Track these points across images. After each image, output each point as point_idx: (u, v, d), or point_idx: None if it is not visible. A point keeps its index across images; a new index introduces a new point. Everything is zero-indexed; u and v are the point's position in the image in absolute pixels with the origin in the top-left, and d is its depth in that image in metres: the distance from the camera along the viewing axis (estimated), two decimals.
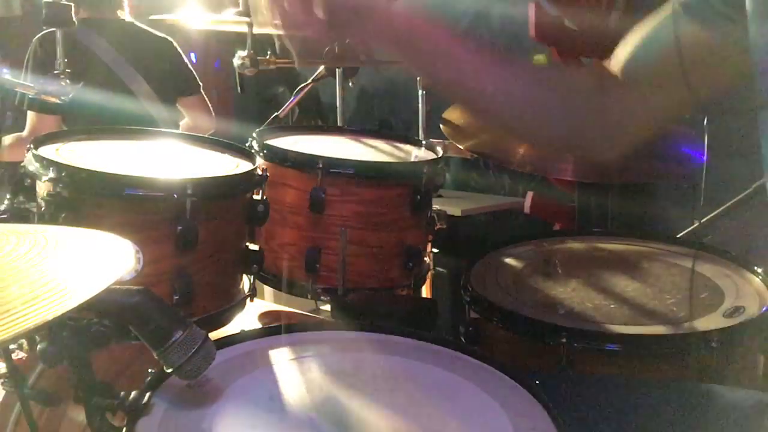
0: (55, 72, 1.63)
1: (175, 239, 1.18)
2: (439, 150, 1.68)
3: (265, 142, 1.55)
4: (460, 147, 1.75)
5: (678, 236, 1.85)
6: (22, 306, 0.58)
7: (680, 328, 1.27)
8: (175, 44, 2.88)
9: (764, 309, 1.31)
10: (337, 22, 0.87)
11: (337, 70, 2.13)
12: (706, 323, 1.27)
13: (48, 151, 1.25)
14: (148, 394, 0.86)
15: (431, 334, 1.13)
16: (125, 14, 2.82)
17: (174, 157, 1.44)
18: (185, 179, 1.19)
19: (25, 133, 2.55)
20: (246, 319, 1.37)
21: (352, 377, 0.98)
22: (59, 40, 1.62)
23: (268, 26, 0.87)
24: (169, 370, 0.84)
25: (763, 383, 1.27)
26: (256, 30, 1.87)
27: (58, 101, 1.62)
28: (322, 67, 2.15)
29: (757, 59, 0.76)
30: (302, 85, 2.25)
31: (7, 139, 2.73)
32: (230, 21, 1.90)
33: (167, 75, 2.84)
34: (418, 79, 2.00)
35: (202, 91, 2.97)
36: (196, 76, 2.95)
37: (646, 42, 0.96)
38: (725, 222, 1.93)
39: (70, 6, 1.62)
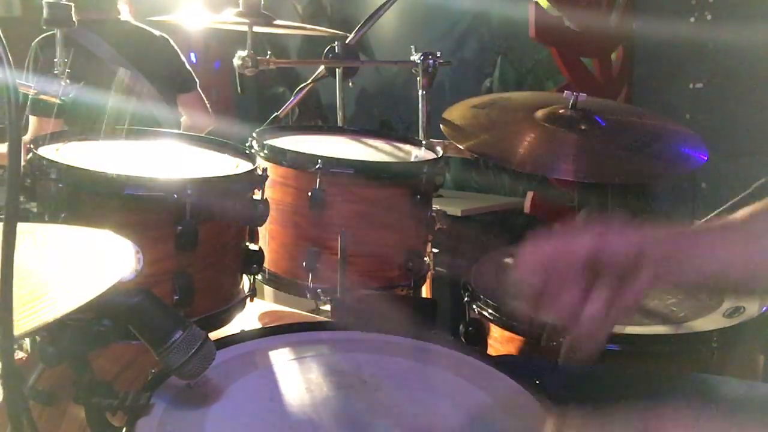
0: (55, 72, 1.63)
1: (175, 239, 1.18)
2: (439, 150, 1.68)
3: (265, 142, 1.55)
4: (460, 147, 1.74)
5: None
6: (22, 308, 0.58)
7: (680, 328, 1.27)
8: (171, 42, 2.88)
9: (764, 309, 1.31)
10: None
11: (337, 70, 2.12)
12: (706, 323, 1.27)
13: (48, 151, 1.25)
14: (148, 394, 0.86)
15: (431, 334, 1.13)
16: (125, 14, 2.82)
17: (174, 157, 1.44)
18: (185, 179, 1.19)
19: (26, 137, 2.55)
20: (246, 319, 1.37)
21: (353, 378, 0.98)
22: (59, 40, 1.62)
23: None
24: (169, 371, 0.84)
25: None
26: (257, 29, 1.87)
27: (58, 101, 1.62)
28: (322, 67, 2.14)
29: None
30: (302, 85, 2.25)
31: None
32: (230, 21, 1.89)
33: (166, 73, 2.84)
34: (418, 78, 1.99)
35: (198, 88, 2.96)
36: (192, 73, 2.95)
37: None
38: None
39: (70, 6, 1.62)
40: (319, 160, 1.44)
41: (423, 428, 0.88)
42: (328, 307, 1.58)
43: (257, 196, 1.35)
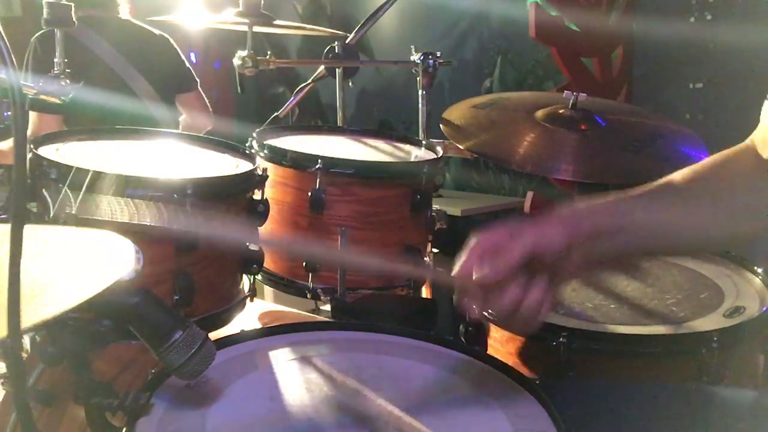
0: (55, 72, 1.63)
1: (175, 239, 1.18)
2: (439, 150, 1.68)
3: (265, 142, 1.55)
4: (460, 147, 1.74)
5: None
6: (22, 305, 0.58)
7: (680, 328, 1.27)
8: (171, 41, 2.87)
9: (764, 309, 1.30)
10: None
11: (337, 70, 2.12)
12: (706, 323, 1.27)
13: (48, 151, 1.25)
14: (148, 394, 0.86)
15: (431, 334, 1.13)
16: (126, 13, 2.82)
17: (174, 157, 1.44)
18: (185, 179, 1.19)
19: (27, 133, 2.55)
20: (246, 319, 1.37)
21: (352, 377, 0.98)
22: (59, 39, 1.62)
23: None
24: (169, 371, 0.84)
25: (763, 383, 1.27)
26: (257, 29, 1.87)
27: (58, 101, 1.62)
28: (322, 67, 2.15)
29: None
30: (302, 85, 2.25)
31: (9, 141, 2.73)
32: (230, 21, 1.89)
33: (166, 72, 2.84)
34: (418, 78, 2.00)
35: (199, 87, 2.96)
36: (193, 72, 2.94)
37: None
38: None
39: (71, 6, 1.62)
40: (319, 160, 1.44)
41: (423, 429, 0.88)
42: (328, 307, 1.58)
43: (257, 196, 1.35)
